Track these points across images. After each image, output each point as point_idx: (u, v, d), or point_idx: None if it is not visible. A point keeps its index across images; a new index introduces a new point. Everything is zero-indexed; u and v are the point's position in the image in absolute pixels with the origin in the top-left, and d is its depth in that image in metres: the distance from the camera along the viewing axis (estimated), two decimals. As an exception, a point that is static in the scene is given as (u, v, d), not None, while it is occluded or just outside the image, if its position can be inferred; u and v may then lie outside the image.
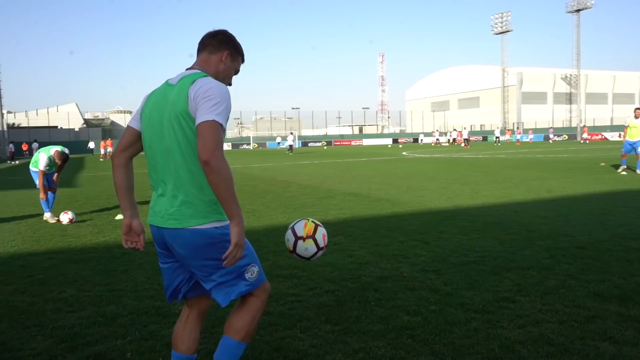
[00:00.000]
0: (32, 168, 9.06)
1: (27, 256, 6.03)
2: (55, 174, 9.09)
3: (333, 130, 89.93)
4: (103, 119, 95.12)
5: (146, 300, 4.21)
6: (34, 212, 9.67)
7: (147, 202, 3.13)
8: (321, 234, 2.94)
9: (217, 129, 2.12)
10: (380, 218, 7.89)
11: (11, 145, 43.39)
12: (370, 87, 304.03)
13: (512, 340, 3.19)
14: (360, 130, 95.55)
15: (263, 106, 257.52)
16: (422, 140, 69.39)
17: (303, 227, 2.90)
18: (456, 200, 9.59)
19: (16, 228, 8.11)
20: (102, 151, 41.98)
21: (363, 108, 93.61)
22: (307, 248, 2.88)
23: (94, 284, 4.73)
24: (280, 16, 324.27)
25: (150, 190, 2.46)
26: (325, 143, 70.96)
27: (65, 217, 8.34)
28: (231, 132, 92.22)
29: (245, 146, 67.71)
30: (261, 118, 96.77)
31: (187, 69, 2.41)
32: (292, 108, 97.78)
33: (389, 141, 73.27)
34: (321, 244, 2.91)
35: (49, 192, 8.88)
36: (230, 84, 2.53)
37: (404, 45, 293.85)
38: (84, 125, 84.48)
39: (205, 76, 2.30)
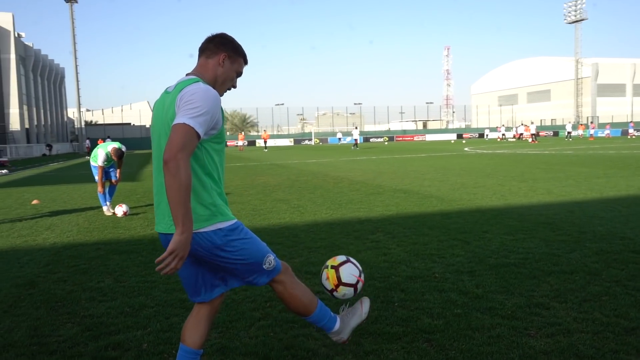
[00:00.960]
0: (92, 163, 9.53)
1: (77, 246, 6.35)
2: (117, 170, 9.48)
3: (395, 126, 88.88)
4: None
5: (175, 292, 4.30)
6: (94, 205, 10.19)
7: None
8: (347, 273, 2.82)
9: (186, 132, 2.08)
10: (425, 216, 7.67)
11: (87, 141, 46.05)
12: (434, 81, 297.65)
13: (536, 350, 2.98)
14: (424, 125, 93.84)
15: (325, 102, 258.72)
16: (487, 135, 67.14)
17: (327, 280, 2.82)
18: (509, 199, 9.16)
19: (75, 220, 8.57)
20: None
21: (427, 103, 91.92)
22: (344, 294, 2.80)
23: (130, 275, 4.90)
24: (342, 11, 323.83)
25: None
26: (387, 139, 70.26)
27: (120, 210, 8.73)
28: (294, 128, 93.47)
29: (306, 142, 68.27)
30: (324, 114, 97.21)
31: (186, 74, 2.40)
32: (355, 103, 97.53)
33: (452, 137, 71.46)
34: (353, 281, 2.81)
35: (110, 186, 9.33)
36: (234, 87, 2.52)
37: (470, 37, 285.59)
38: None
39: (197, 82, 2.26)
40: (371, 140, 68.56)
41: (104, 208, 9.12)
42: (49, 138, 67.45)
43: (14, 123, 56.14)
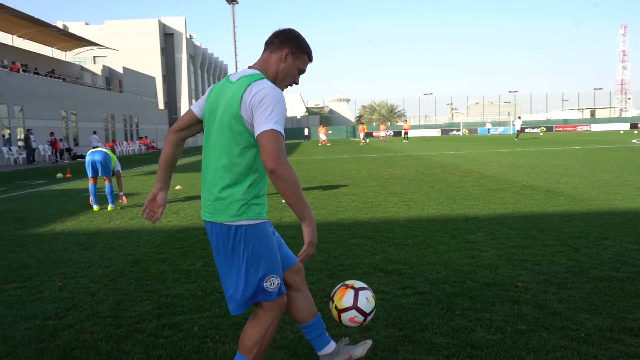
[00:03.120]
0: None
1: (190, 230, 6.95)
2: None
3: (556, 115, 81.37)
4: (322, 107, 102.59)
5: (247, 280, 4.49)
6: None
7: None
8: (347, 319, 2.72)
9: (277, 137, 2.13)
10: (542, 216, 6.94)
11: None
12: (605, 65, 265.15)
13: (593, 383, 2.54)
14: (592, 114, 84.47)
15: (476, 90, 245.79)
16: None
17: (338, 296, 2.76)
18: (658, 200, 7.86)
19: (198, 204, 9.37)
20: (321, 136, 45.59)
21: (594, 89, 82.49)
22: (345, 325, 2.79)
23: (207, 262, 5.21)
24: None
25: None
26: (544, 129, 64.76)
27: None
28: (443, 118, 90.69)
29: (454, 132, 65.89)
30: (476, 103, 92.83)
31: (249, 67, 2.44)
32: (509, 91, 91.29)
33: (625, 126, 63.28)
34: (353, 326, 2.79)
35: None
36: (295, 83, 2.50)
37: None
38: (306, 113, 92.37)
39: (261, 79, 2.27)
40: (526, 130, 63.70)
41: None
42: (213, 129, 74.48)
43: (185, 115, 63.02)
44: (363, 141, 40.73)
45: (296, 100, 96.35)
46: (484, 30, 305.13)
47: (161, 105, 58.72)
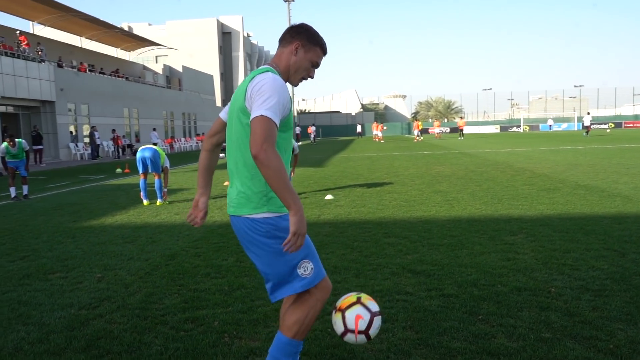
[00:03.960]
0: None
1: (229, 226, 7.08)
2: (294, 163, 10.17)
3: (627, 110, 76.82)
4: (378, 104, 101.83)
5: (275, 277, 4.53)
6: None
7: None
8: (354, 314, 2.41)
9: (266, 123, 2.13)
10: (591, 218, 6.58)
11: (297, 128, 50.35)
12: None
13: (613, 399, 2.38)
14: (667, 109, 79.03)
15: (537, 85, 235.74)
16: None
17: (343, 298, 2.52)
18: None
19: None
20: (375, 132, 45.39)
21: (670, 82, 77.02)
22: (335, 322, 2.48)
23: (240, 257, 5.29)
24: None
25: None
26: (612, 125, 61.36)
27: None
28: (502, 114, 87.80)
29: (514, 129, 63.63)
30: (539, 98, 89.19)
31: (264, 64, 2.49)
32: (575, 86, 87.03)
33: (703, 122, 58.87)
34: (350, 326, 2.41)
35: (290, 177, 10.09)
36: (310, 77, 2.49)
37: None
38: (361, 110, 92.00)
39: (267, 71, 2.30)
40: (592, 127, 60.52)
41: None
42: (268, 125, 75.63)
43: (241, 112, 64.36)
44: (417, 138, 40.12)
45: (351, 97, 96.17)
46: (546, 22, 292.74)
47: (219, 103, 60.20)
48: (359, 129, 55.68)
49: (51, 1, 29.11)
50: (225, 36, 64.79)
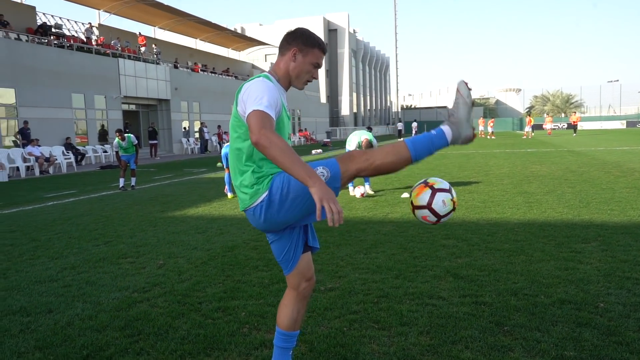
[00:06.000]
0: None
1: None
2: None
3: None
4: (488, 98, 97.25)
5: (317, 274, 4.62)
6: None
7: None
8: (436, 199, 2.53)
9: (260, 114, 2.18)
10: (688, 228, 5.84)
11: (400, 124, 49.80)
12: None
13: None
14: None
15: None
16: None
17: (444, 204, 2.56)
18: None
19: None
20: (481, 128, 43.67)
21: None
22: (443, 200, 2.55)
23: (301, 252, 5.43)
24: None
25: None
26: None
27: (357, 192, 9.46)
28: (632, 109, 79.52)
29: (644, 124, 57.45)
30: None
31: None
32: None
33: None
34: (447, 186, 2.58)
35: None
36: (314, 78, 2.52)
37: None
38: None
39: (257, 77, 2.39)
40: None
41: (350, 188, 10.01)
42: (372, 121, 75.58)
43: (345, 109, 65.02)
44: (527, 134, 37.83)
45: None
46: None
47: (323, 99, 61.31)
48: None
49: (171, 8, 31.58)
50: (331, 33, 65.67)
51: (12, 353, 3.18)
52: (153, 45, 32.00)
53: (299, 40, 2.44)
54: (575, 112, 39.00)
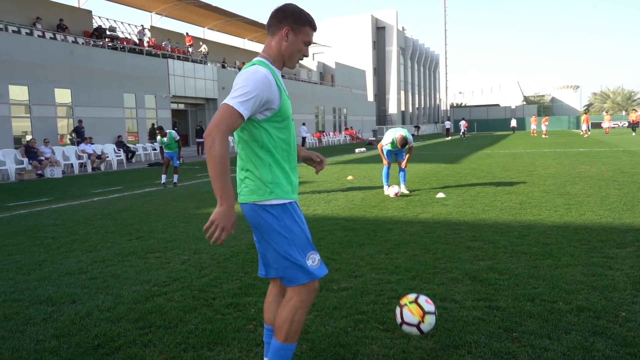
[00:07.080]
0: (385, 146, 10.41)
1: (323, 220, 7.30)
2: (407, 155, 10.01)
3: None
4: (543, 96, 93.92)
5: (331, 273, 4.62)
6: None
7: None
8: (424, 301, 2.94)
9: (225, 110, 2.19)
10: None
11: (448, 123, 48.84)
12: None
13: None
14: None
15: None
16: None
17: (412, 316, 2.86)
18: None
19: (354, 196, 9.67)
20: (533, 126, 42.29)
21: None
22: (430, 323, 2.88)
23: (321, 250, 5.43)
24: None
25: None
26: None
27: (392, 191, 9.36)
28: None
29: None
30: None
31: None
32: None
33: None
34: (432, 309, 2.93)
35: (400, 169, 9.90)
36: (305, 56, 2.51)
37: None
38: (523, 103, 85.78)
39: (253, 65, 2.38)
40: None
41: (385, 187, 9.90)
42: (420, 120, 74.54)
43: (392, 107, 64.43)
44: (583, 132, 36.28)
45: (512, 89, 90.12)
46: None
47: (370, 97, 61.00)
48: (512, 123, 51.95)
49: (219, 9, 32.28)
50: (379, 31, 65.23)
51: (30, 340, 3.36)
52: (200, 43, 32.77)
53: (290, 19, 2.39)
54: (635, 110, 36.66)
